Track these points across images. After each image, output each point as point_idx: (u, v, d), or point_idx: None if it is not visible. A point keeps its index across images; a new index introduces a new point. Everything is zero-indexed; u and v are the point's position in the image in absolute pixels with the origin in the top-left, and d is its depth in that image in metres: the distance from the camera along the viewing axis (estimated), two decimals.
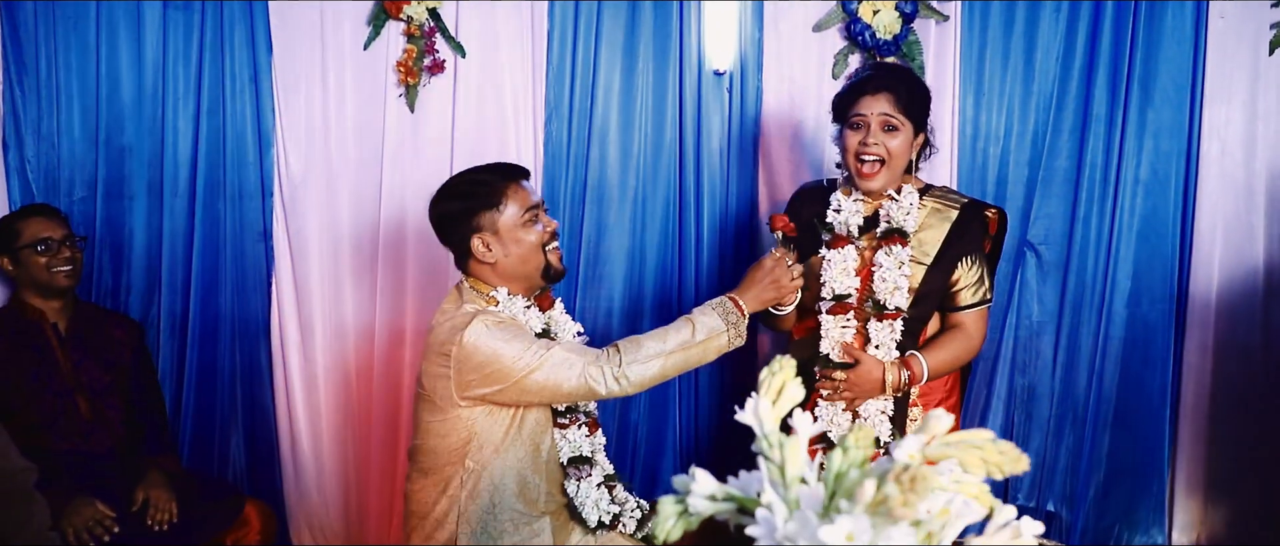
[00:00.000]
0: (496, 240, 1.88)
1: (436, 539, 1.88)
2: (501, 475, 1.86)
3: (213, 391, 2.92)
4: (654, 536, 0.89)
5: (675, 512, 0.89)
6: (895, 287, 2.05)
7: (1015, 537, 0.89)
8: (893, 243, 2.07)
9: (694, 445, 2.99)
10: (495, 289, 1.91)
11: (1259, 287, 2.83)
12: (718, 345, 1.85)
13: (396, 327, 2.95)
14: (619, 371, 1.79)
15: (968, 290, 2.12)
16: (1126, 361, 2.88)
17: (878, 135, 2.06)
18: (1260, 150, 2.80)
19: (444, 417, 1.82)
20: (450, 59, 2.81)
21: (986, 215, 2.16)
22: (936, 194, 2.17)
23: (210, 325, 2.90)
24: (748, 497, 0.84)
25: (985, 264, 2.15)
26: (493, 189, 1.90)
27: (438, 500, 1.87)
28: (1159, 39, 2.77)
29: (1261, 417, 2.84)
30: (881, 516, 0.73)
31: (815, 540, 0.73)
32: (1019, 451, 0.86)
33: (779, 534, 0.76)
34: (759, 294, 1.91)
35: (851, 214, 2.12)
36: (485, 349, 1.76)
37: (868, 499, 0.72)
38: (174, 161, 2.83)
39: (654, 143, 2.88)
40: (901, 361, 2.07)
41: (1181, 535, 2.92)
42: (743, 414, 0.92)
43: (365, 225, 2.91)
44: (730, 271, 2.91)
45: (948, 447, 0.85)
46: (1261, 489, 2.85)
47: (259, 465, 2.98)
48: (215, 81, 2.80)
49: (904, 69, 2.26)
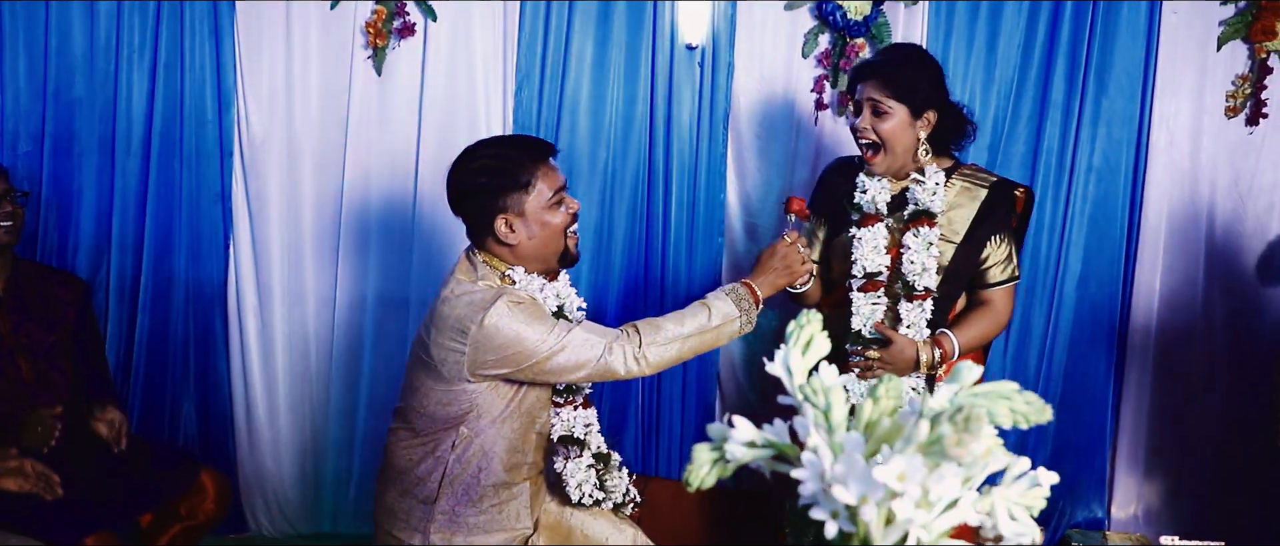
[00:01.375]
0: (522, 221, 1.81)
1: (416, 494, 1.86)
2: (493, 443, 1.84)
3: (164, 356, 2.84)
4: (687, 482, 0.90)
5: (710, 459, 0.90)
6: (924, 268, 2.06)
7: (1034, 486, 0.92)
8: (920, 224, 2.07)
9: (655, 421, 3.01)
10: (511, 268, 1.85)
11: (1200, 274, 2.96)
12: (731, 330, 1.85)
13: (358, 295, 2.90)
14: (639, 352, 1.77)
15: (997, 267, 2.15)
16: (1074, 342, 2.98)
17: (867, 119, 2.07)
18: (1205, 142, 2.92)
19: (448, 388, 1.78)
20: (421, 22, 2.76)
21: (1015, 193, 2.18)
22: (965, 172, 2.17)
23: (163, 288, 2.81)
24: (787, 444, 0.85)
25: (1013, 241, 2.17)
26: (523, 169, 1.82)
27: (423, 459, 1.85)
28: (1115, 31, 2.85)
29: (1198, 398, 2.98)
30: (932, 457, 0.75)
31: (866, 480, 0.74)
32: (1043, 402, 0.89)
33: (828, 476, 0.77)
34: (773, 279, 1.92)
35: (877, 192, 2.11)
36: (507, 331, 1.72)
37: (922, 439, 0.74)
38: (127, 117, 2.73)
39: (625, 115, 2.88)
40: (933, 340, 2.10)
41: (1121, 509, 3.05)
42: (772, 365, 0.93)
43: (328, 190, 2.85)
44: (699, 246, 2.93)
45: (977, 398, 0.88)
46: (1196, 465, 2.99)
47: (212, 433, 2.91)
48: (173, 35, 2.71)
49: (905, 50, 2.21)
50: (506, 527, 1.87)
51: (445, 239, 2.88)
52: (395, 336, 2.91)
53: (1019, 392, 0.88)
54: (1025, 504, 0.91)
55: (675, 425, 3.01)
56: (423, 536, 1.85)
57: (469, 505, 1.85)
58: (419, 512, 1.85)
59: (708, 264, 2.94)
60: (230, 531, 2.90)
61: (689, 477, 0.89)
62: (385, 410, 2.90)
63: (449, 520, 1.84)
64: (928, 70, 2.11)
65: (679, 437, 3.02)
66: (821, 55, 2.86)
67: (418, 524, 1.85)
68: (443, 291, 1.83)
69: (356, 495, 2.96)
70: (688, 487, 0.90)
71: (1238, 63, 2.88)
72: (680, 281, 2.95)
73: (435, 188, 2.85)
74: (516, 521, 1.89)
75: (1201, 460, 2.99)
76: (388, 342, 2.91)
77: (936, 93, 2.10)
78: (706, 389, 3.02)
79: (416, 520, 1.86)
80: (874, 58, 2.15)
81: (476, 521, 1.85)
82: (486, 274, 1.84)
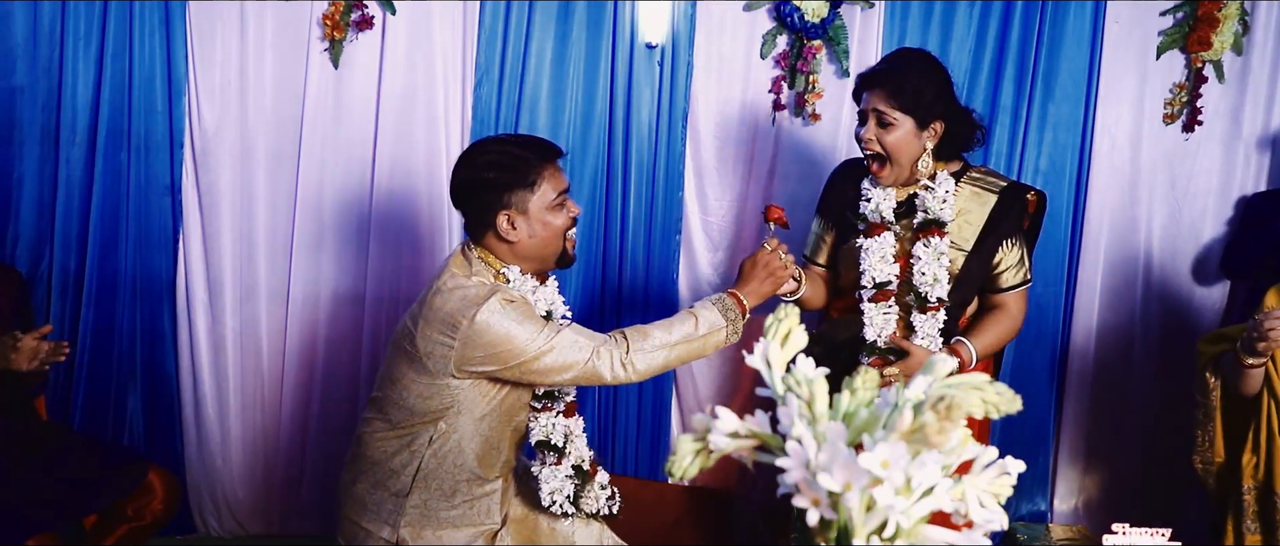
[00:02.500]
0: (524, 220, 1.81)
1: (387, 487, 1.84)
2: (470, 439, 1.83)
3: (109, 352, 2.76)
4: (670, 473, 0.91)
5: (693, 450, 0.91)
6: (935, 279, 2.02)
7: (1002, 474, 0.96)
8: (931, 234, 2.03)
9: (611, 419, 3.02)
10: (507, 266, 1.84)
11: (1139, 276, 3.07)
12: (716, 340, 1.86)
13: (312, 291, 2.85)
14: (626, 358, 1.78)
15: (1010, 272, 2.12)
16: (1020, 339, 3.04)
17: (872, 130, 2.01)
18: (1145, 147, 3.02)
19: (431, 381, 1.77)
20: (379, 15, 2.73)
21: (1027, 197, 2.14)
22: (975, 175, 2.12)
23: (108, 282, 2.74)
24: (769, 434, 0.87)
25: (1026, 245, 2.15)
26: (531, 167, 1.82)
27: (398, 452, 1.83)
28: (1061, 38, 2.94)
29: (1136, 395, 3.09)
30: (913, 444, 0.77)
31: (851, 467, 0.76)
32: (1014, 393, 0.92)
33: (813, 464, 0.79)
34: (758, 288, 1.92)
35: (882, 201, 2.07)
36: (498, 329, 1.72)
37: (905, 427, 0.77)
38: (72, 106, 2.65)
39: (584, 112, 2.88)
40: (950, 348, 2.06)
41: (1063, 502, 3.15)
42: (752, 358, 0.95)
43: (282, 183, 2.80)
44: (656, 244, 2.94)
45: (951, 389, 0.91)
46: (1134, 459, 3.11)
47: (158, 431, 2.84)
48: (121, 22, 2.64)
49: (912, 58, 2.08)
50: (476, 523, 1.87)
51: (402, 235, 2.85)
52: (350, 333, 2.87)
53: (990, 383, 0.92)
54: (993, 491, 0.95)
55: (630, 422, 3.03)
56: (392, 529, 1.83)
57: (442, 499, 1.84)
58: (390, 505, 1.84)
59: (664, 262, 2.96)
60: (177, 532, 2.83)
61: (671, 468, 0.91)
62: (339, 408, 2.87)
63: (420, 514, 1.83)
64: (935, 79, 2.03)
65: (634, 435, 3.03)
66: (779, 56, 2.90)
67: (388, 516, 1.84)
68: (435, 283, 1.82)
69: (308, 495, 2.91)
70: (670, 478, 0.92)
71: (1175, 71, 2.99)
72: (637, 279, 2.97)
73: (392, 182, 2.83)
74: (486, 517, 1.88)
75: (1138, 453, 3.10)
76: (342, 339, 2.87)
77: (944, 101, 2.03)
78: (662, 387, 3.04)
79: (386, 513, 1.84)
80: (880, 66, 2.09)
81: (448, 516, 1.84)
82: (481, 270, 1.83)
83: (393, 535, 1.83)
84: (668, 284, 2.98)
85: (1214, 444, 2.21)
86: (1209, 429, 2.20)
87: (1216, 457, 2.22)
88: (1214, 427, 2.20)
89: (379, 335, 2.85)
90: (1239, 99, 3.01)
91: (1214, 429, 2.20)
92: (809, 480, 0.81)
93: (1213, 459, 2.22)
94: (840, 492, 0.80)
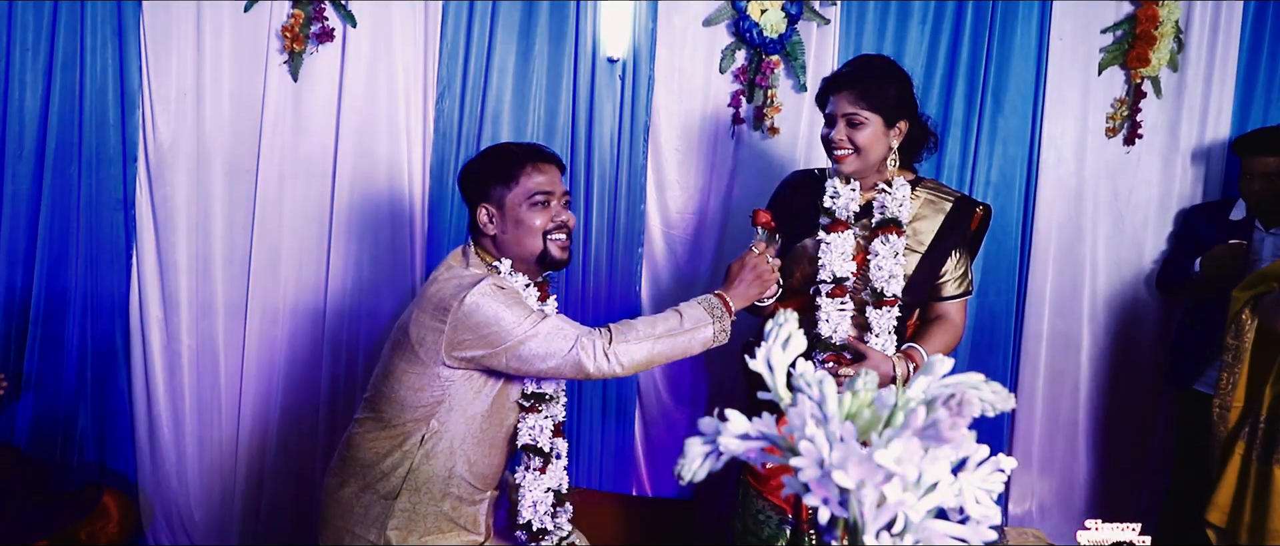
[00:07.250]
0: (500, 214, 1.86)
1: (377, 489, 1.83)
2: (461, 442, 1.83)
3: (58, 372, 2.68)
4: (680, 476, 0.92)
5: (701, 453, 0.93)
6: (891, 275, 2.08)
7: (995, 470, 0.99)
8: (888, 232, 2.10)
9: (575, 430, 3.02)
10: (498, 261, 1.88)
11: (1085, 284, 3.17)
12: (703, 337, 1.86)
13: (271, 305, 2.80)
14: (609, 348, 1.79)
15: (953, 282, 2.19)
16: (975, 347, 3.15)
17: (843, 131, 2.08)
18: (1089, 159, 3.13)
19: (423, 371, 1.78)
20: (339, 27, 2.71)
21: (976, 210, 2.21)
22: (928, 187, 2.20)
23: (57, 300, 2.66)
24: (779, 436, 0.89)
25: (969, 256, 2.23)
26: (512, 163, 1.87)
27: (390, 452, 1.82)
28: (1010, 53, 3.04)
29: (1086, 399, 3.19)
30: (923, 440, 0.80)
31: (865, 464, 0.79)
32: (1008, 392, 0.96)
33: (827, 463, 0.81)
34: (744, 290, 1.94)
35: (849, 199, 2.13)
36: (486, 310, 1.74)
37: (918, 424, 0.79)
38: (19, 119, 2.58)
39: (547, 126, 2.89)
40: (904, 353, 2.11)
41: (1017, 505, 3.23)
42: (754, 362, 0.97)
43: (240, 197, 2.75)
44: (619, 257, 2.96)
45: (948, 387, 0.94)
46: (1083, 461, 3.20)
47: (110, 452, 2.76)
48: (72, 32, 2.58)
49: (874, 61, 2.18)
50: (463, 530, 1.86)
51: (363, 249, 2.82)
52: (309, 348, 2.83)
53: (986, 382, 0.95)
54: (987, 487, 0.98)
55: (595, 434, 3.03)
56: (379, 531, 1.82)
57: (430, 503, 1.83)
58: (378, 508, 1.82)
59: (627, 274, 2.98)
60: None
61: (681, 471, 0.92)
62: (299, 426, 2.82)
63: (408, 517, 1.82)
64: (898, 80, 2.11)
65: (599, 447, 3.03)
66: (738, 71, 2.94)
67: (375, 520, 1.82)
68: (432, 275, 1.87)
69: (268, 515, 2.85)
70: (680, 480, 0.93)
71: (1116, 87, 3.11)
72: (600, 291, 2.97)
73: (352, 196, 2.80)
74: (474, 526, 1.88)
75: (1088, 454, 3.20)
76: (302, 355, 2.83)
77: (908, 103, 2.12)
78: (626, 398, 3.05)
79: (374, 516, 1.82)
80: (844, 69, 2.16)
81: (436, 521, 1.83)
82: (476, 263, 1.88)
83: (380, 537, 1.82)
84: (631, 295, 3.00)
85: (1238, 387, 2.23)
86: (1236, 371, 2.23)
87: (1236, 403, 2.24)
88: (1241, 370, 2.22)
89: (340, 350, 2.81)
90: (1176, 113, 3.13)
91: (1241, 371, 2.22)
92: (821, 479, 0.83)
93: (1231, 404, 2.24)
94: (852, 489, 0.82)
